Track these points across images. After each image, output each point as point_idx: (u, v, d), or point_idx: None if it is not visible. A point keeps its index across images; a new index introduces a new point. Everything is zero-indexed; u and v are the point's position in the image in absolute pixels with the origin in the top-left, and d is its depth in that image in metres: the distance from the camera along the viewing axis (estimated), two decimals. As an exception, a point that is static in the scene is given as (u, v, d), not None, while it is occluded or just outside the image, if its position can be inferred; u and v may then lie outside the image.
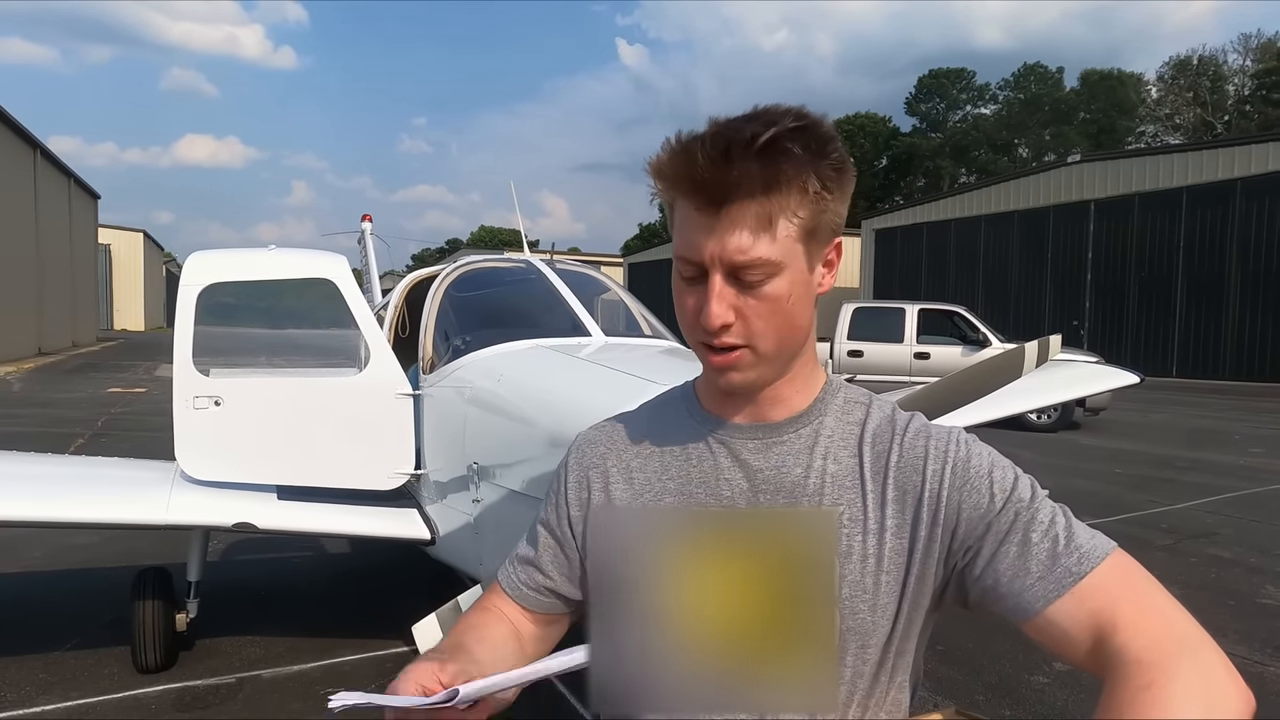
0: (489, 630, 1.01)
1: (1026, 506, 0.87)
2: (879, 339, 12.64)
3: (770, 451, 0.93)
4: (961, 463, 0.90)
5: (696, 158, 0.82)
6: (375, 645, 3.71)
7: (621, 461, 1.00)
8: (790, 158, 0.82)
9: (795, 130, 0.82)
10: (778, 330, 0.87)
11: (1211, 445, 10.36)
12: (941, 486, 0.88)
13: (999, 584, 0.85)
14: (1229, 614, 4.31)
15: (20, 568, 4.97)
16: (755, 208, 0.82)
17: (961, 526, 0.87)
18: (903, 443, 0.92)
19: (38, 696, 3.22)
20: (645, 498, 0.96)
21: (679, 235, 0.87)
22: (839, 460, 0.92)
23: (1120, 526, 6.23)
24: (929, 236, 29.44)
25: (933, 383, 2.46)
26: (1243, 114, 46.56)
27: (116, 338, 40.33)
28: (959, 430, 0.94)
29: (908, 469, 0.90)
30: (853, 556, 0.87)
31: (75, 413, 12.12)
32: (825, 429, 0.94)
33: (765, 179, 0.82)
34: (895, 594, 0.88)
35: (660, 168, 0.86)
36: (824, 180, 0.84)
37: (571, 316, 3.37)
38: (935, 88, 58.53)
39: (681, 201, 0.86)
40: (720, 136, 0.82)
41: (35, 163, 26.67)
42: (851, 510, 0.89)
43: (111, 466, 4.47)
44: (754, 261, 0.83)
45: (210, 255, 3.62)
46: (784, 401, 0.94)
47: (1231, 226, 21.17)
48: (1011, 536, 0.85)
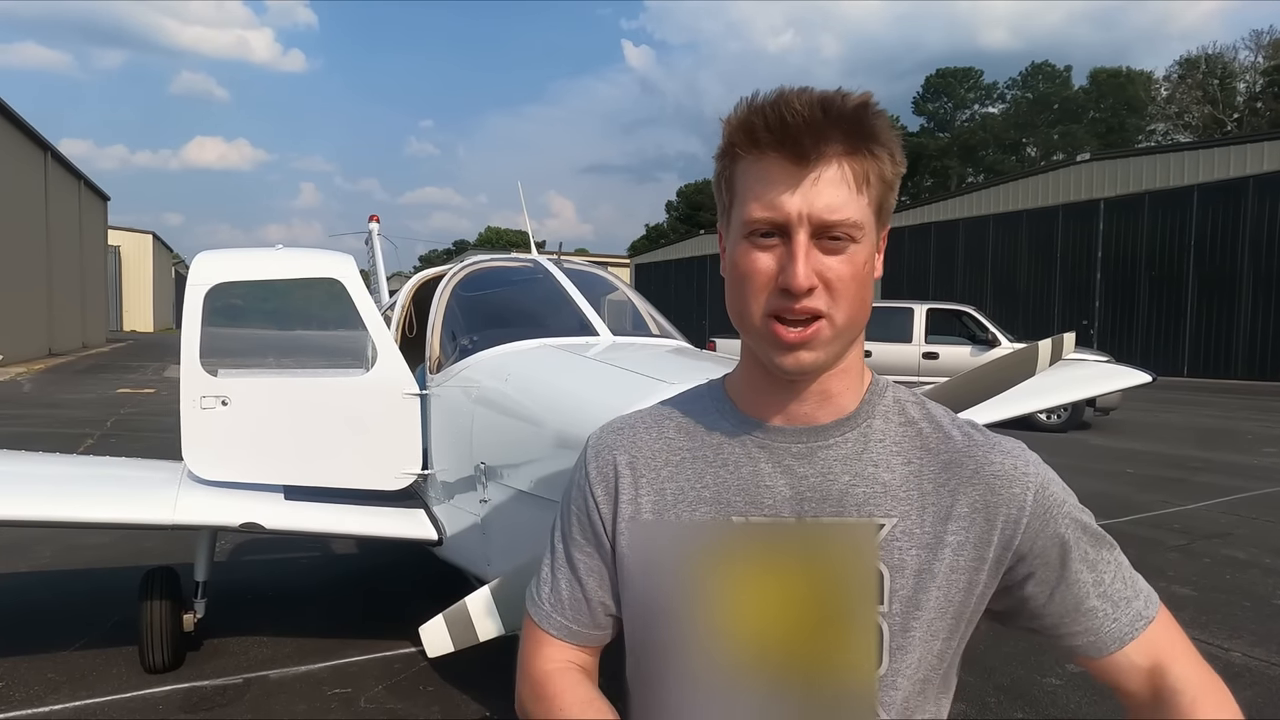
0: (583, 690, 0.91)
1: (1095, 543, 0.88)
2: (887, 339, 12.58)
3: (815, 457, 0.86)
4: (1042, 488, 0.86)
5: (794, 105, 0.78)
6: (383, 646, 3.70)
7: (650, 469, 0.91)
8: (881, 123, 0.80)
9: (875, 104, 0.81)
10: (852, 301, 0.81)
11: (1224, 445, 10.27)
12: (1022, 512, 0.84)
13: (1066, 618, 0.87)
14: (1245, 616, 4.26)
15: (29, 567, 4.99)
16: (848, 165, 0.79)
17: (1033, 556, 0.85)
18: (974, 455, 0.87)
19: (46, 696, 3.22)
20: (679, 508, 0.88)
21: (751, 196, 0.81)
22: (891, 468, 0.86)
23: (1132, 527, 6.18)
24: (937, 236, 29.32)
25: (947, 381, 2.43)
26: (1254, 111, 46.19)
27: (126, 339, 40.59)
28: (1030, 451, 0.90)
29: (983, 486, 0.85)
30: (905, 571, 0.83)
31: (85, 413, 12.18)
32: (875, 432, 0.87)
33: (859, 138, 0.79)
34: (949, 611, 0.84)
35: (744, 119, 0.81)
36: (901, 156, 0.83)
37: (579, 316, 3.35)
38: (943, 87, 58.32)
39: (759, 158, 0.81)
40: (812, 92, 0.79)
41: (46, 165, 26.86)
42: (905, 523, 0.84)
43: (119, 467, 4.47)
44: (843, 221, 0.79)
45: (217, 255, 3.62)
46: (831, 399, 0.87)
47: (1243, 224, 20.99)
48: (1085, 573, 0.86)
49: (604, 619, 0.96)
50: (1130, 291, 23.61)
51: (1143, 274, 23.27)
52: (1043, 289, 25.92)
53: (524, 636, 1.00)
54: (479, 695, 3.20)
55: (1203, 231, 21.91)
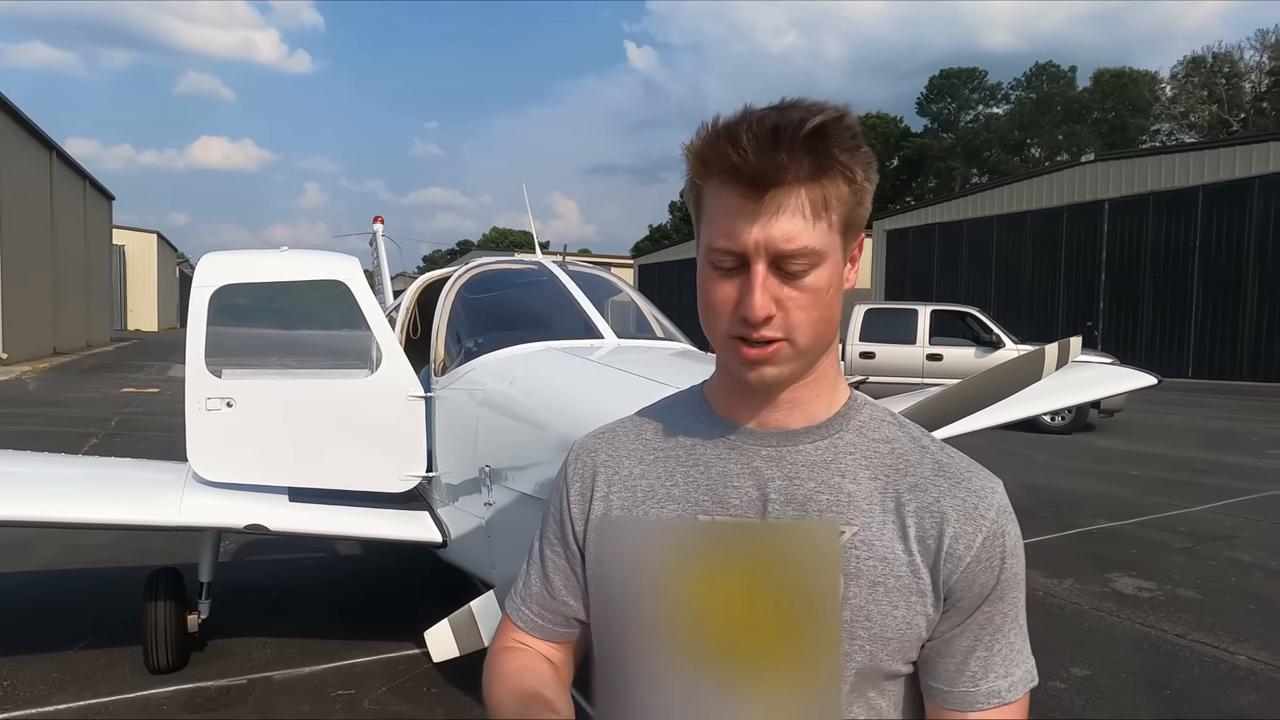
0: (540, 670, 0.97)
1: (1013, 609, 0.89)
2: (891, 340, 12.56)
3: (784, 461, 0.88)
4: (994, 536, 0.86)
5: (741, 139, 0.78)
6: (387, 647, 3.71)
7: (623, 469, 0.95)
8: (838, 145, 0.80)
9: (837, 120, 0.80)
10: (816, 323, 0.83)
11: (1228, 447, 10.23)
12: (969, 551, 0.85)
13: (938, 662, 0.88)
14: (1250, 619, 4.24)
15: (33, 566, 5.00)
16: (803, 194, 0.79)
17: (956, 595, 0.86)
18: (939, 485, 0.87)
19: (51, 696, 3.23)
20: (647, 504, 0.91)
21: (713, 224, 0.82)
22: (857, 480, 0.87)
23: (1138, 529, 6.16)
24: (941, 237, 29.27)
25: (956, 384, 2.43)
26: (1259, 111, 46.03)
27: (130, 338, 40.72)
28: (1001, 490, 0.90)
29: (939, 516, 0.86)
30: (860, 580, 0.84)
31: (89, 412, 12.22)
32: (844, 444, 0.89)
33: (814, 165, 0.79)
34: (898, 627, 0.85)
35: (699, 151, 0.82)
36: (866, 171, 0.82)
37: (583, 318, 3.35)
38: (947, 88, 58.22)
39: (719, 187, 0.81)
40: (766, 120, 0.78)
41: (52, 164, 26.96)
42: (865, 533, 0.85)
43: (124, 467, 4.49)
44: (800, 250, 0.79)
45: (223, 256, 3.62)
46: (803, 406, 0.89)
47: (1248, 225, 20.91)
48: (984, 633, 0.87)
49: (568, 619, 0.99)
50: (1135, 292, 23.54)
51: (1147, 275, 23.20)
52: (1047, 290, 25.87)
53: (499, 623, 1.06)
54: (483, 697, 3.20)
55: (1208, 232, 21.84)
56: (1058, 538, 5.95)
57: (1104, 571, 5.08)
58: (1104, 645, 3.94)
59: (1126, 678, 3.56)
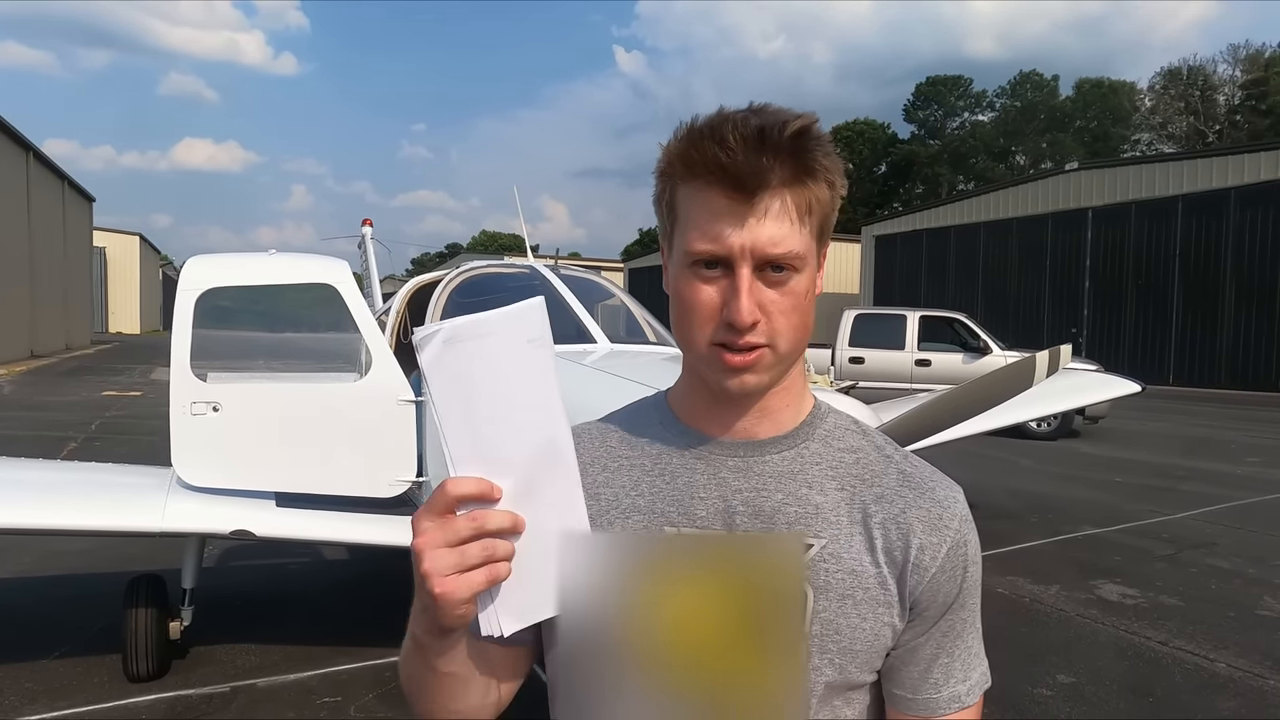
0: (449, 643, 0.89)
1: (972, 616, 0.90)
2: (880, 345, 12.63)
3: (751, 472, 0.86)
4: (957, 546, 0.87)
5: (728, 139, 0.76)
6: (373, 654, 3.67)
7: (587, 476, 0.89)
8: (820, 149, 0.79)
9: (815, 125, 0.79)
10: (795, 329, 0.82)
11: (1209, 454, 10.37)
12: (934, 562, 0.86)
13: (901, 670, 0.89)
14: (1230, 626, 4.29)
15: (8, 573, 4.91)
16: (788, 197, 0.79)
17: (921, 605, 0.87)
18: (904, 495, 0.88)
19: (23, 706, 3.17)
20: (611, 514, 0.88)
21: (693, 227, 0.80)
22: (825, 491, 0.86)
23: (1122, 536, 6.22)
24: (929, 243, 29.51)
25: (948, 391, 2.44)
26: (1233, 124, 46.87)
27: (111, 340, 40.21)
28: (963, 498, 0.91)
29: (905, 528, 0.86)
30: (829, 593, 0.83)
31: (69, 416, 12.04)
32: (810, 454, 0.88)
33: (798, 167, 0.78)
34: (866, 639, 0.85)
35: (682, 151, 0.80)
36: (842, 178, 0.83)
37: (576, 323, 3.34)
38: (933, 95, 58.82)
39: (701, 189, 0.80)
40: (749, 121, 0.77)
41: (28, 166, 26.57)
42: (834, 545, 0.84)
43: (106, 472, 4.41)
44: (786, 255, 0.79)
45: (209, 260, 3.58)
46: (772, 415, 0.88)
47: (1225, 235, 21.25)
48: (945, 639, 0.88)
49: None
50: (1118, 300, 23.83)
51: (1130, 282, 23.51)
52: (1033, 296, 26.14)
53: None
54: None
55: (1187, 241, 22.16)
56: (1044, 544, 6.00)
57: (1089, 578, 5.13)
58: (1089, 652, 3.97)
59: (1111, 685, 3.59)
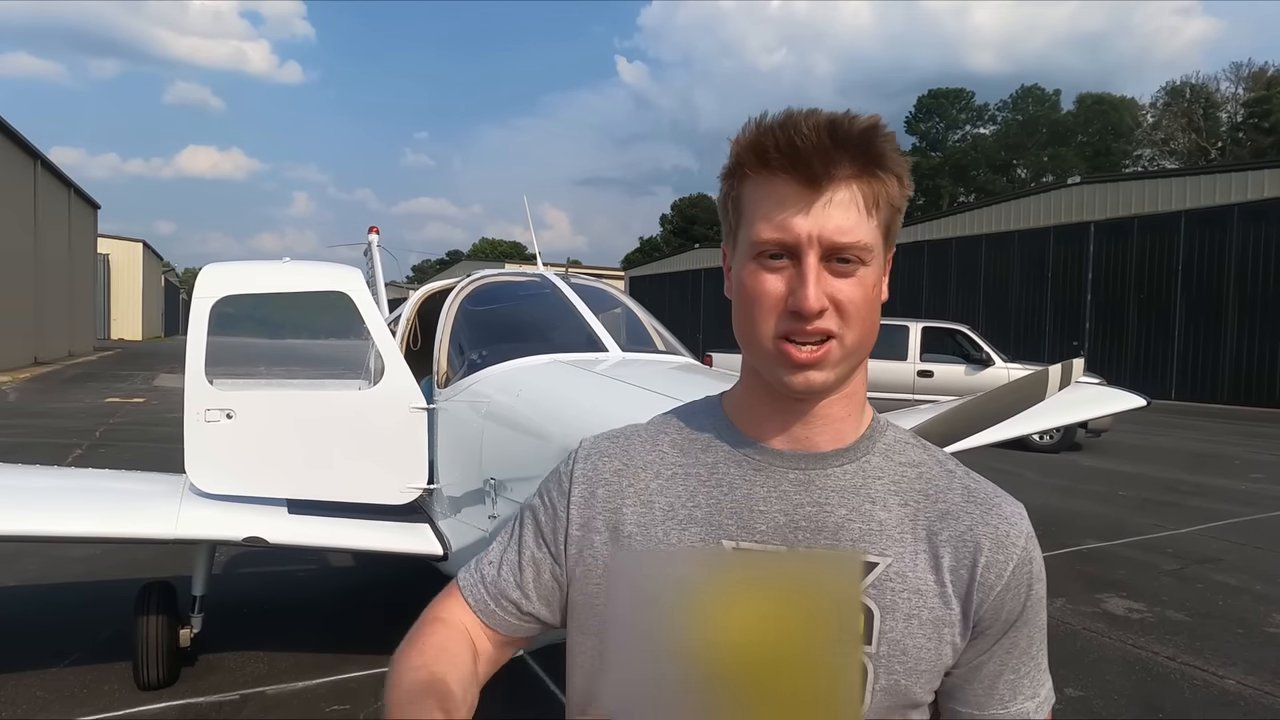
0: (459, 655, 0.90)
1: (1038, 632, 0.89)
2: (882, 356, 12.60)
3: (813, 485, 0.84)
4: (1023, 563, 0.86)
5: (801, 126, 0.78)
6: (383, 662, 3.63)
7: (639, 481, 0.89)
8: (889, 145, 0.81)
9: (883, 124, 0.81)
10: (862, 323, 0.81)
11: (1212, 469, 10.35)
12: (1000, 580, 0.84)
13: (964, 688, 0.87)
14: (1238, 643, 4.28)
15: (16, 581, 4.90)
16: (855, 188, 0.80)
17: (984, 623, 0.85)
18: (970, 511, 0.86)
19: (36, 714, 3.17)
20: (667, 525, 0.86)
21: (761, 218, 0.80)
22: (888, 507, 0.85)
23: (1127, 550, 6.21)
24: (930, 254, 29.55)
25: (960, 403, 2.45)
26: (1236, 141, 47.01)
27: (114, 347, 40.24)
28: (1026, 515, 0.89)
29: (973, 545, 0.85)
30: (896, 613, 0.82)
31: (73, 423, 12.04)
32: (873, 468, 0.86)
33: (868, 160, 0.79)
34: (930, 658, 0.83)
35: (754, 140, 0.81)
36: (909, 178, 0.83)
37: (587, 331, 3.36)
38: (935, 107, 59.07)
39: (770, 178, 0.80)
40: (821, 114, 0.79)
41: (35, 173, 26.70)
42: (899, 564, 0.83)
43: (117, 479, 4.42)
44: (854, 244, 0.79)
45: (224, 268, 3.61)
46: (834, 425, 0.86)
47: (1229, 251, 21.28)
48: (1010, 657, 0.87)
49: (525, 614, 0.93)
50: (1120, 313, 23.83)
51: (1131, 296, 23.52)
52: (1034, 309, 26.13)
53: (444, 589, 0.99)
54: (480, 713, 3.17)
55: (1189, 256, 22.19)
56: (1049, 556, 5.88)
57: (1095, 592, 5.12)
58: (1096, 666, 3.96)
59: (1120, 699, 3.58)
